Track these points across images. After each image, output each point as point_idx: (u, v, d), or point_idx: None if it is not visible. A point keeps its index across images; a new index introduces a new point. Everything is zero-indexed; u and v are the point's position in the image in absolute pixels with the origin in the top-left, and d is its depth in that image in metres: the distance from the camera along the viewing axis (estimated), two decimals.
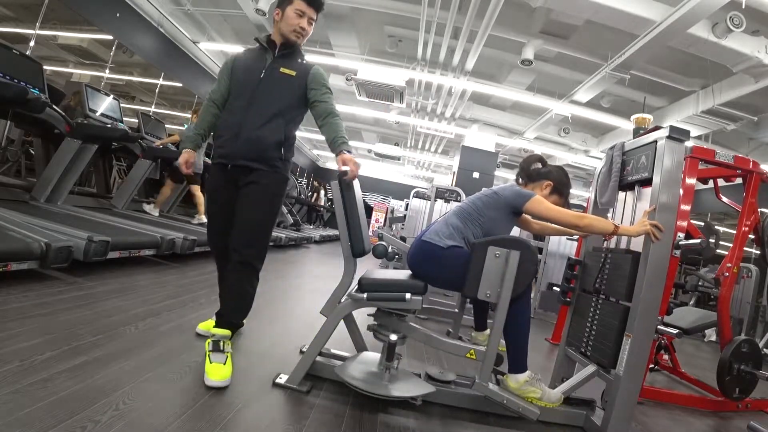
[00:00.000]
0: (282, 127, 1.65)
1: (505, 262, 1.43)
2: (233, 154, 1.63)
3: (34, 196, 3.38)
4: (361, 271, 1.58)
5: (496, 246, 1.45)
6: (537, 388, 1.54)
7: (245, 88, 1.66)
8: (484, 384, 1.48)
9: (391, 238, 2.86)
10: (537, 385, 1.55)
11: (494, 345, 1.47)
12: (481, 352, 1.49)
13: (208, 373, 1.38)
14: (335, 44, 6.20)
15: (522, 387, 1.53)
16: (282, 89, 1.67)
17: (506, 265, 1.43)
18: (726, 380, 2.18)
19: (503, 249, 1.44)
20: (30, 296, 1.83)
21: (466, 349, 1.51)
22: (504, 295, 1.43)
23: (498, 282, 1.44)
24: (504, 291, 1.43)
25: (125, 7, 5.37)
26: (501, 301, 1.44)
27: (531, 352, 1.60)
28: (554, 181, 1.82)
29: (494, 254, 1.45)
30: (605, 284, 1.74)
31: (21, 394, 1.07)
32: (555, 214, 1.62)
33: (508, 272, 1.42)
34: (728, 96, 4.97)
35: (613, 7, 3.82)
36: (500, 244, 1.46)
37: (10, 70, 2.77)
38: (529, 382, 1.54)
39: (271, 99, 1.65)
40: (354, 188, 1.58)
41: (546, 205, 1.63)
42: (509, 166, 12.12)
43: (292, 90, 1.68)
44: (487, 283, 1.45)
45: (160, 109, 7.71)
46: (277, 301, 2.79)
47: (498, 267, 1.44)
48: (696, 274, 4.52)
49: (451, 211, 1.75)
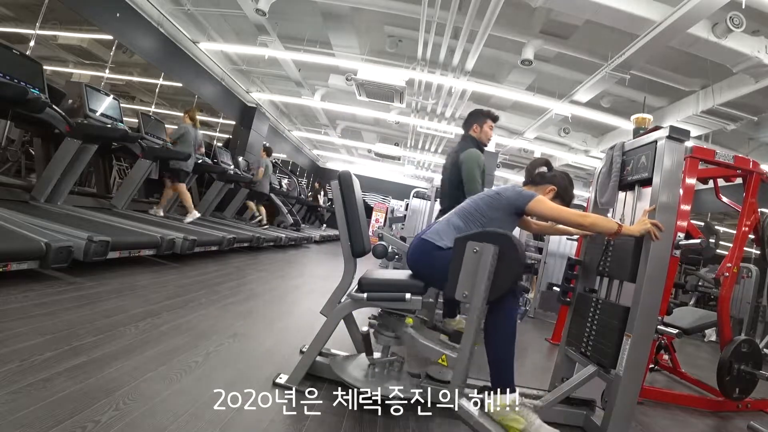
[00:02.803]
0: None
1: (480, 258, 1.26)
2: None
3: (34, 196, 3.37)
4: (361, 271, 1.58)
5: (475, 241, 1.27)
6: (520, 417, 1.28)
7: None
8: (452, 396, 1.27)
9: (391, 238, 2.86)
10: (523, 413, 1.29)
11: (465, 352, 1.28)
12: (453, 358, 1.33)
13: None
14: (335, 44, 6.20)
15: (503, 411, 1.28)
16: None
17: (479, 261, 1.25)
18: (726, 380, 2.18)
19: (481, 243, 1.26)
20: (30, 296, 1.83)
21: (439, 353, 1.39)
22: (476, 294, 1.24)
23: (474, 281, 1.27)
24: (476, 290, 1.24)
25: (125, 7, 5.37)
26: (473, 302, 1.25)
27: (531, 351, 1.59)
28: (558, 186, 1.81)
29: (473, 249, 1.26)
30: (609, 266, 1.74)
31: (21, 394, 1.07)
32: (558, 213, 1.60)
33: (481, 268, 1.24)
34: (728, 96, 4.97)
35: (613, 7, 3.81)
36: (479, 237, 1.29)
37: (10, 70, 2.77)
38: (511, 407, 1.29)
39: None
40: (354, 188, 1.58)
41: (548, 205, 1.62)
42: (509, 166, 12.12)
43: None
44: (465, 282, 1.27)
45: (160, 109, 7.71)
46: (277, 301, 2.79)
47: (475, 264, 1.26)
48: (696, 274, 4.53)
49: (452, 211, 1.75)
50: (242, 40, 6.83)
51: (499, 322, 1.35)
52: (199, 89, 7.43)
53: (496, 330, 1.35)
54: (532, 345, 3.01)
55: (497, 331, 1.35)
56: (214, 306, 2.31)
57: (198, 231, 3.94)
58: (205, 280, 2.90)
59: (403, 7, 4.97)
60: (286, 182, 9.00)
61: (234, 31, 6.79)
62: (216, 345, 1.74)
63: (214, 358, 1.62)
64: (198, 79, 7.33)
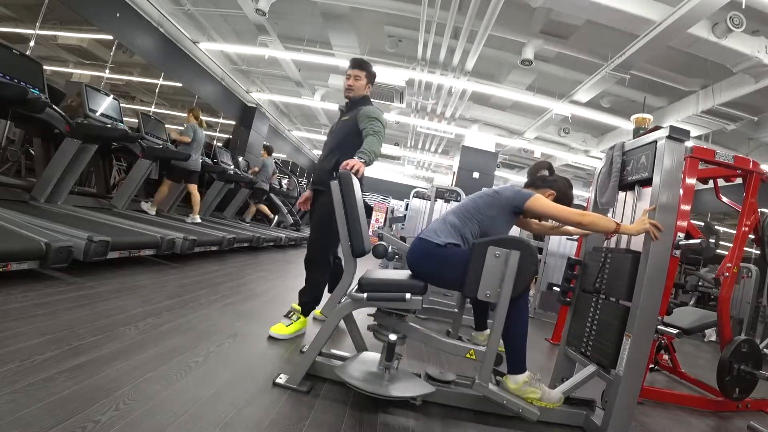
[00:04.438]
0: (335, 157, 2.15)
1: (505, 262, 1.43)
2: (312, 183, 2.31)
3: (34, 196, 3.37)
4: (361, 271, 1.58)
5: (496, 246, 1.45)
6: (536, 388, 1.53)
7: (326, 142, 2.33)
8: (483, 384, 1.47)
9: (391, 238, 2.87)
10: (536, 385, 1.54)
11: (494, 345, 1.46)
12: (481, 352, 1.48)
13: (272, 328, 2.01)
14: (335, 44, 6.20)
15: (521, 387, 1.52)
16: (340, 131, 2.24)
17: (506, 265, 1.42)
18: (726, 380, 2.18)
19: (503, 249, 1.43)
20: (30, 296, 1.83)
21: (466, 349, 1.51)
22: (504, 295, 1.43)
23: (498, 282, 1.44)
24: (504, 291, 1.43)
25: (125, 7, 5.37)
26: (501, 302, 1.43)
27: (531, 352, 1.60)
28: (557, 191, 1.82)
29: (494, 254, 1.44)
30: (605, 284, 1.74)
31: (21, 394, 1.07)
32: (556, 212, 1.61)
33: (508, 272, 1.42)
34: (728, 96, 4.97)
35: (613, 7, 3.82)
36: (500, 244, 1.45)
37: (10, 70, 2.77)
38: (528, 382, 1.53)
39: (332, 141, 2.26)
40: (354, 188, 1.58)
41: (546, 203, 1.63)
42: (509, 166, 12.13)
43: (346, 129, 2.20)
44: (487, 283, 1.45)
45: (160, 109, 7.71)
46: (277, 301, 2.79)
47: (498, 267, 1.44)
48: (696, 274, 4.53)
49: (449, 209, 1.75)
50: (242, 40, 6.84)
51: (517, 316, 1.50)
52: (199, 89, 7.43)
53: (513, 323, 1.49)
54: (532, 345, 2.99)
55: (514, 323, 1.49)
56: (214, 306, 2.31)
57: (198, 231, 3.94)
58: (205, 280, 2.90)
59: (403, 7, 4.97)
60: (286, 182, 9.00)
61: (234, 31, 6.79)
62: (216, 345, 1.74)
63: (214, 358, 1.62)
64: (198, 79, 7.33)
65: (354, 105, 2.25)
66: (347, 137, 2.18)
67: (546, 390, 1.55)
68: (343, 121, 2.25)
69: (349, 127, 2.19)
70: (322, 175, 2.19)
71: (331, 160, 2.17)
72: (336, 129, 2.30)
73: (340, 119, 2.29)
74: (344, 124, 2.23)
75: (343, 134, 2.21)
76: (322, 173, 2.21)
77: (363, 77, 2.26)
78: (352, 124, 2.18)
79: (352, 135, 2.16)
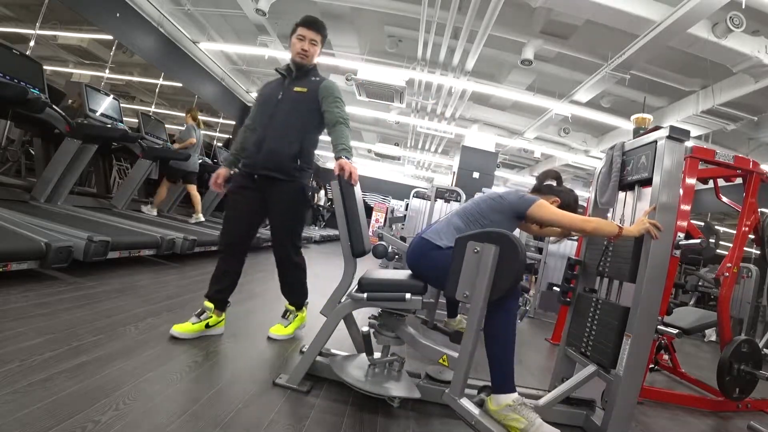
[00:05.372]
0: (298, 140, 1.87)
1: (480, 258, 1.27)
2: (256, 165, 1.87)
3: (34, 196, 3.37)
4: (361, 271, 1.58)
5: (476, 240, 1.28)
6: (521, 416, 1.29)
7: (267, 109, 1.91)
8: (453, 396, 1.28)
9: (391, 238, 2.87)
10: (523, 413, 1.29)
11: (466, 352, 1.28)
12: (454, 359, 1.33)
13: (271, 330, 1.97)
14: (335, 44, 6.20)
15: (502, 411, 1.30)
16: (296, 105, 1.89)
17: (480, 261, 1.26)
18: (726, 380, 2.18)
19: (482, 243, 1.27)
20: (30, 296, 1.83)
21: (440, 354, 1.40)
22: (477, 294, 1.25)
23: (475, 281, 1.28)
24: (477, 290, 1.25)
25: (125, 7, 5.37)
26: (473, 303, 1.26)
27: (531, 352, 1.59)
28: (562, 200, 1.82)
29: (473, 249, 1.27)
30: (608, 267, 1.74)
31: (21, 394, 1.07)
32: (560, 218, 1.60)
33: (482, 268, 1.25)
34: (728, 96, 4.97)
35: (613, 7, 3.81)
36: (479, 237, 1.29)
37: (10, 70, 2.77)
38: (512, 407, 1.30)
39: (287, 115, 1.88)
40: (354, 188, 1.58)
41: (550, 209, 1.62)
42: (509, 166, 12.13)
43: (305, 105, 1.89)
44: (465, 282, 1.28)
45: (160, 109, 7.70)
46: (276, 301, 2.79)
47: (476, 264, 1.27)
48: (696, 274, 4.53)
49: (453, 211, 1.75)
50: (242, 40, 6.83)
51: (500, 323, 1.35)
52: (199, 89, 7.42)
53: (497, 330, 1.34)
54: (532, 345, 3.00)
55: (497, 331, 1.35)
56: None
57: (198, 231, 3.93)
58: (205, 280, 2.87)
59: (403, 7, 4.97)
60: None
61: (234, 31, 6.78)
62: (216, 345, 1.75)
63: (214, 358, 1.62)
64: (198, 79, 7.33)
65: (306, 74, 1.93)
66: (310, 116, 1.89)
67: (536, 423, 1.28)
68: (298, 93, 1.89)
69: (309, 102, 1.88)
70: (281, 161, 1.84)
71: (293, 144, 1.85)
72: (290, 102, 1.89)
73: (289, 87, 1.90)
74: (302, 99, 1.88)
75: (306, 112, 1.89)
76: (281, 158, 1.84)
77: (319, 42, 1.93)
78: (311, 100, 1.88)
79: (314, 113, 1.89)
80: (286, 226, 1.94)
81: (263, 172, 1.86)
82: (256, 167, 1.87)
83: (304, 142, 1.88)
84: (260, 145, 1.86)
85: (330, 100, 1.86)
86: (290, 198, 1.90)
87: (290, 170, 1.86)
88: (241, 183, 1.92)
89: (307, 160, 1.93)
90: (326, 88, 1.88)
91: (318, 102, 1.88)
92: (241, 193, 1.91)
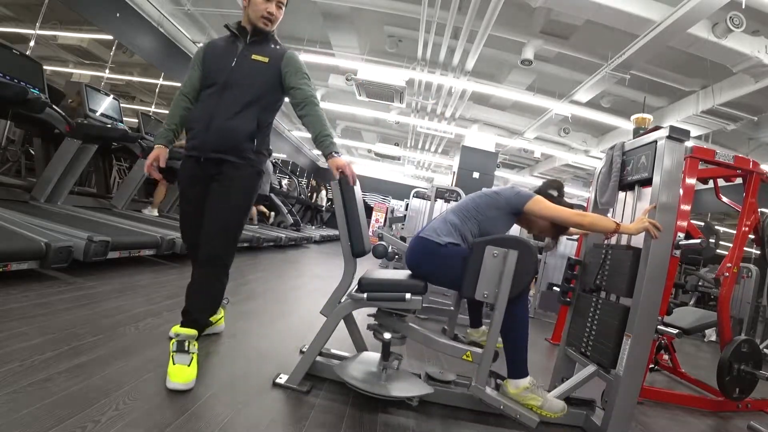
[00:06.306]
0: (255, 117, 1.55)
1: (503, 262, 1.41)
2: (205, 146, 1.52)
3: (34, 196, 3.37)
4: (361, 271, 1.58)
5: (494, 245, 1.43)
6: (537, 395, 1.49)
7: (217, 77, 1.56)
8: (480, 387, 1.44)
9: (391, 238, 2.87)
10: (538, 392, 1.50)
11: (491, 347, 1.44)
12: (478, 354, 1.46)
13: (170, 375, 1.30)
14: (335, 44, 6.20)
15: (522, 393, 1.48)
16: (254, 77, 1.56)
17: (504, 265, 1.41)
18: (726, 380, 2.18)
19: (502, 248, 1.42)
20: (30, 296, 1.83)
21: (463, 350, 1.49)
22: (501, 295, 1.41)
23: (495, 282, 1.42)
24: (501, 292, 1.41)
25: (125, 7, 5.37)
26: (498, 302, 1.41)
27: (531, 352, 1.59)
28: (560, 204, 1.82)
29: (492, 254, 1.42)
30: (606, 281, 1.74)
31: (21, 394, 1.07)
32: (556, 213, 1.61)
33: (506, 272, 1.40)
34: (728, 96, 4.97)
35: (613, 7, 3.82)
36: (498, 243, 1.43)
37: (10, 70, 2.77)
38: (529, 388, 1.49)
39: (244, 87, 1.54)
40: (354, 188, 1.58)
41: (546, 204, 1.63)
42: (509, 166, 12.13)
43: (265, 77, 1.57)
44: (485, 283, 1.43)
45: (160, 109, 7.71)
46: (276, 301, 2.79)
47: (496, 267, 1.42)
48: (696, 274, 4.53)
49: (449, 208, 1.75)
50: None
51: (517, 317, 1.47)
52: None
53: (513, 324, 1.46)
54: (532, 345, 2.97)
55: (513, 324, 1.47)
56: None
57: None
58: None
59: (403, 7, 4.97)
60: (286, 182, 9.00)
61: None
62: (216, 345, 1.75)
63: (214, 358, 1.63)
64: None
65: (264, 40, 1.62)
66: (270, 90, 1.59)
67: (548, 398, 1.51)
68: (257, 62, 1.57)
69: (269, 75, 1.57)
70: (236, 142, 1.51)
71: (250, 119, 1.53)
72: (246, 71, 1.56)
73: (244, 54, 1.58)
74: (261, 69, 1.57)
75: (265, 85, 1.58)
76: (236, 137, 1.51)
77: (283, 8, 1.62)
78: (273, 73, 1.58)
79: (276, 87, 1.60)
80: (224, 218, 1.53)
81: (213, 155, 1.51)
82: (205, 149, 1.52)
83: (260, 120, 1.57)
84: (209, 121, 1.51)
85: (299, 75, 1.58)
86: (240, 185, 1.54)
87: (246, 152, 1.53)
88: (191, 172, 1.57)
89: (265, 141, 1.64)
90: (291, 60, 1.59)
91: (280, 75, 1.58)
92: (193, 185, 1.58)
